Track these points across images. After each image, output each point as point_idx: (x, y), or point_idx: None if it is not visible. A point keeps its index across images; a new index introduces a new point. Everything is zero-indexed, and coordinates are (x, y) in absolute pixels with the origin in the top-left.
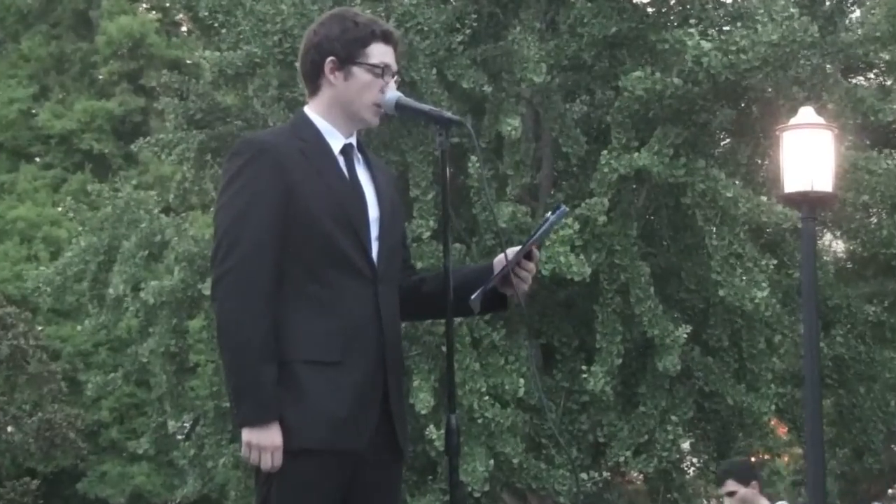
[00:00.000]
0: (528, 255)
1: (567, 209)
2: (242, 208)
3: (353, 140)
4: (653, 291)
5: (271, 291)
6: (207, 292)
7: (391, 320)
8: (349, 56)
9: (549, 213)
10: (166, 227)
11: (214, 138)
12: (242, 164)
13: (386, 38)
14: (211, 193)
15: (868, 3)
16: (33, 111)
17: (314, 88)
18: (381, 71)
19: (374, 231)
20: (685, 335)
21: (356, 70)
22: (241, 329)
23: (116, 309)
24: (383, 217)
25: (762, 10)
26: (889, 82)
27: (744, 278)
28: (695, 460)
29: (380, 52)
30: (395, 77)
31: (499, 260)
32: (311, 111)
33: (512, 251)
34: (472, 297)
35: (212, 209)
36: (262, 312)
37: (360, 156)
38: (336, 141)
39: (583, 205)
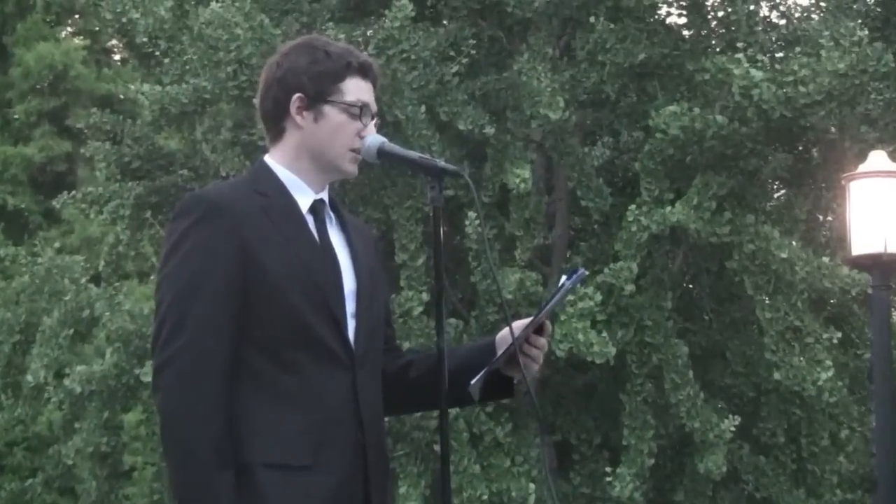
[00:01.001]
0: (538, 330)
1: (586, 272)
2: (190, 279)
3: (325, 195)
4: (692, 376)
5: (225, 381)
6: (146, 379)
7: (372, 414)
8: (320, 93)
9: (565, 276)
10: (96, 300)
11: (155, 191)
12: (190, 224)
13: (364, 71)
14: (151, 259)
15: None
16: None
17: (277, 132)
18: (358, 111)
19: (351, 306)
20: (732, 429)
21: (328, 110)
22: (190, 427)
23: (36, 399)
24: (362, 289)
25: (825, 34)
26: None
27: (803, 358)
28: None
29: (357, 89)
30: (376, 119)
31: (503, 336)
32: (274, 160)
33: (519, 324)
34: (472, 382)
35: (152, 278)
36: (214, 407)
37: (332, 214)
38: (304, 197)
39: (606, 270)
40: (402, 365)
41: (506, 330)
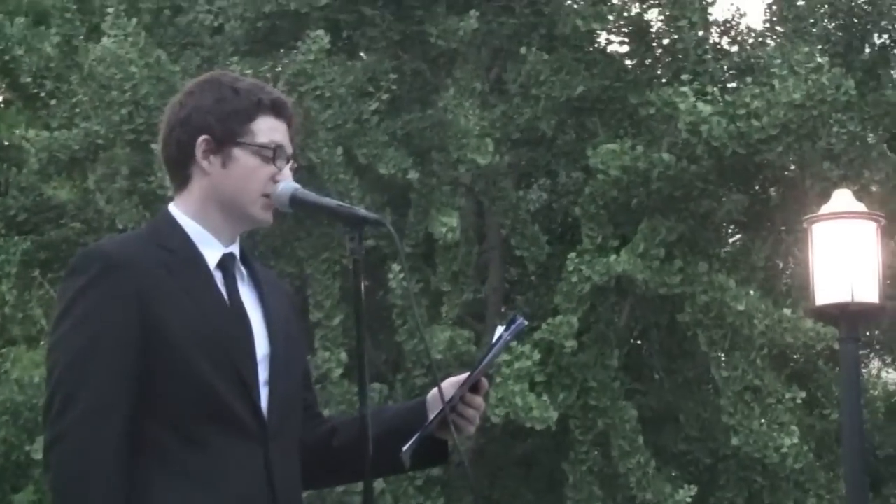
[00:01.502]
0: (474, 388)
1: (525, 322)
2: (83, 346)
3: (236, 248)
4: (642, 442)
5: (123, 458)
6: (37, 456)
7: (289, 492)
8: (228, 134)
9: (501, 328)
10: None
11: (44, 247)
12: (84, 284)
13: (277, 109)
14: (40, 322)
15: None
16: None
17: (182, 179)
18: (271, 153)
19: (264, 373)
20: (688, 500)
21: (238, 153)
22: None
23: None
24: (276, 352)
25: (779, 61)
26: None
27: (764, 421)
28: None
29: (269, 129)
30: (291, 162)
31: (434, 396)
32: (179, 210)
33: (452, 382)
34: (404, 448)
35: (42, 344)
36: (111, 487)
37: (243, 269)
38: (212, 251)
39: (545, 326)
40: (324, 432)
41: (435, 390)
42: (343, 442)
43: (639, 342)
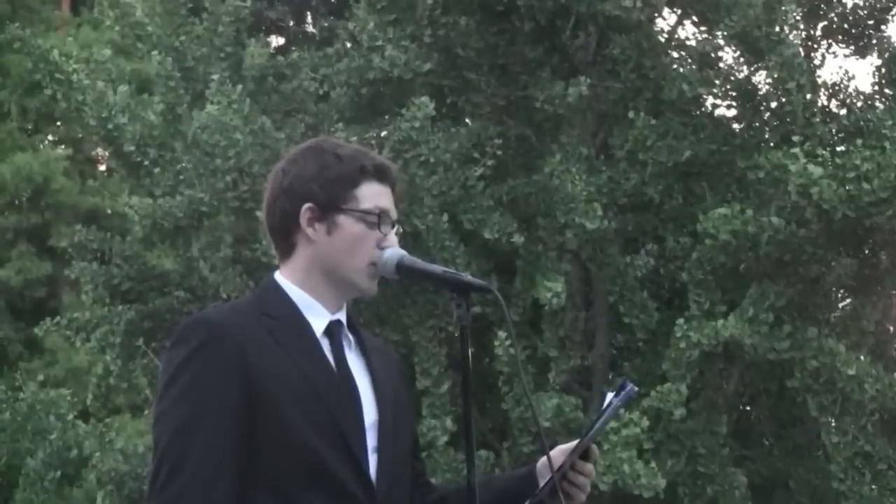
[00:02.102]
0: (584, 455)
1: (636, 389)
2: (189, 416)
3: (343, 315)
4: None
5: None
6: None
7: None
8: (332, 201)
9: (611, 394)
10: (84, 438)
11: (148, 316)
12: (189, 353)
13: (381, 174)
14: (144, 391)
15: None
16: None
17: (287, 248)
18: (376, 218)
19: (372, 440)
20: None
21: (343, 219)
22: None
23: None
24: (384, 419)
25: (890, 123)
26: None
27: (875, 486)
28: None
29: (373, 194)
30: (396, 227)
31: (544, 464)
32: (284, 278)
33: (561, 450)
34: None
35: (146, 413)
36: None
37: (350, 336)
38: (319, 318)
39: (653, 393)
40: (435, 501)
41: (544, 458)
42: None
43: (747, 408)
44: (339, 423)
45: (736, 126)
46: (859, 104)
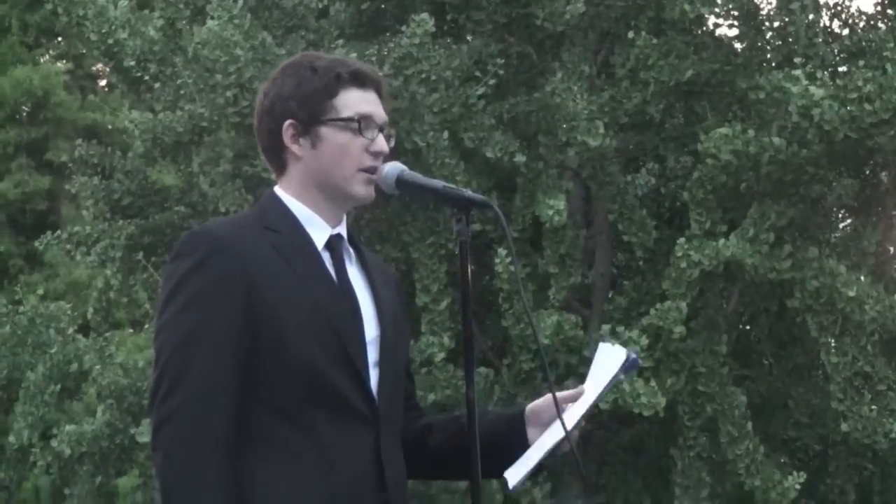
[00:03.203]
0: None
1: (640, 360)
2: (191, 328)
3: (343, 229)
4: (750, 428)
5: (232, 442)
6: (143, 439)
7: (397, 478)
8: (312, 114)
9: (618, 367)
10: (85, 352)
11: (148, 231)
12: (191, 266)
13: (359, 80)
14: (144, 306)
15: None
16: None
17: (279, 165)
18: (357, 125)
19: (373, 355)
20: (797, 486)
21: (325, 131)
22: (194, 494)
23: (20, 463)
24: (385, 335)
25: (891, 45)
26: None
27: (874, 407)
28: None
29: (353, 101)
30: (387, 130)
31: (533, 410)
32: (284, 192)
33: (573, 412)
34: (510, 475)
35: (146, 327)
36: (220, 472)
37: (351, 251)
38: (319, 232)
39: (653, 311)
40: (421, 429)
41: (535, 403)
42: (440, 442)
43: (747, 328)
44: (341, 337)
45: (738, 46)
46: (861, 25)
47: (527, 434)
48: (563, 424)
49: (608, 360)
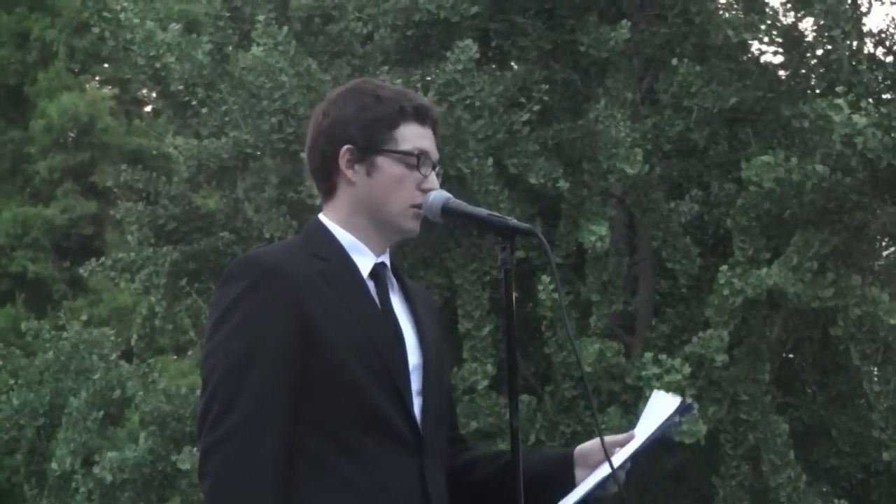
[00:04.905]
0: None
1: (696, 407)
2: (242, 352)
3: (387, 258)
4: (793, 456)
5: (282, 468)
6: (184, 466)
7: (441, 502)
8: (372, 142)
9: (672, 410)
10: (128, 379)
11: (193, 257)
12: (241, 292)
13: (421, 115)
14: (188, 332)
15: None
16: None
17: (329, 189)
18: (416, 160)
19: (416, 383)
20: None
21: (382, 161)
22: None
23: (62, 490)
24: (428, 363)
25: None
26: None
27: None
28: None
29: (413, 135)
30: (438, 169)
31: (581, 453)
32: (329, 219)
33: (621, 454)
34: None
35: (190, 354)
36: (269, 499)
37: (394, 280)
38: (365, 260)
39: (695, 339)
40: (466, 462)
41: (584, 445)
42: (484, 476)
43: (790, 356)
44: (387, 363)
45: (782, 73)
46: None
47: (574, 475)
48: (609, 464)
49: (662, 404)
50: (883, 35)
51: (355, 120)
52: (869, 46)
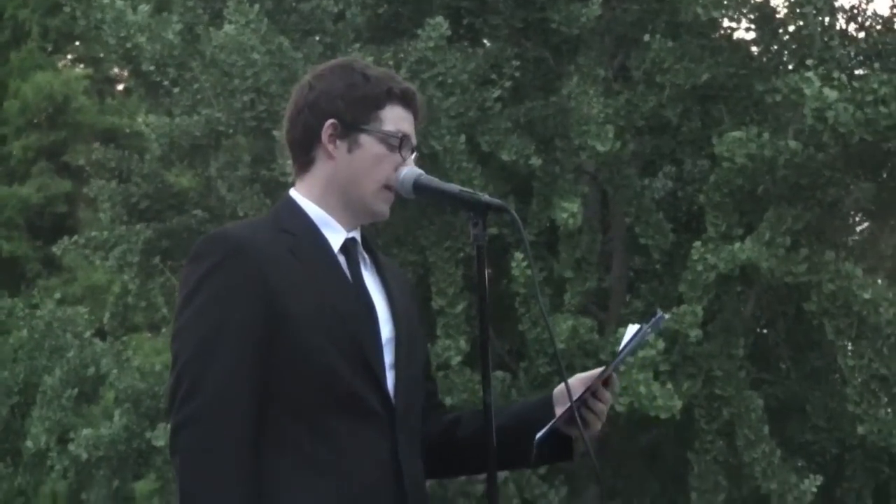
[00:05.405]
0: (604, 382)
1: (666, 317)
2: (209, 332)
3: (358, 234)
4: (767, 431)
5: (250, 445)
6: (159, 443)
7: (415, 482)
8: (356, 119)
9: (640, 324)
10: (102, 356)
11: (166, 234)
12: (208, 269)
13: (406, 99)
14: (162, 310)
15: None
16: None
17: (306, 162)
18: (398, 142)
19: (389, 356)
20: (814, 490)
21: (365, 139)
22: (212, 497)
23: (37, 467)
24: (400, 337)
25: None
26: None
27: (890, 410)
28: None
29: (397, 117)
30: (415, 154)
31: (560, 391)
32: (301, 195)
33: (580, 378)
34: (537, 436)
35: (164, 331)
36: (238, 476)
37: (366, 255)
38: (335, 235)
39: (669, 316)
40: (447, 423)
41: (563, 385)
42: (467, 433)
43: (764, 331)
44: (357, 339)
45: (754, 49)
46: (878, 28)
47: (555, 414)
48: (569, 394)
49: (633, 331)
50: (855, 11)
51: (343, 95)
52: (841, 22)
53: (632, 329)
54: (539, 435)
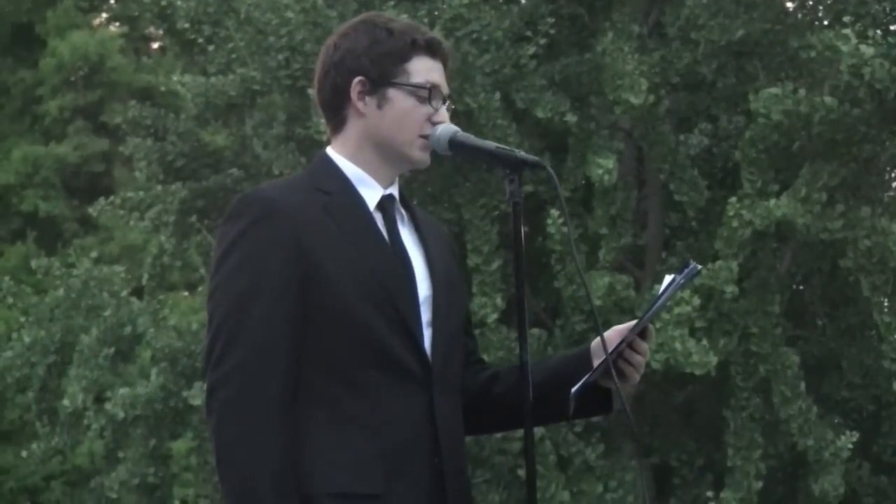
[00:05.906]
0: (640, 334)
1: (699, 268)
2: (244, 291)
3: (395, 190)
4: (804, 388)
5: (286, 403)
6: (196, 402)
7: (452, 437)
8: (383, 75)
9: (670, 276)
10: (139, 315)
11: (201, 193)
12: (243, 229)
13: (432, 49)
14: (199, 269)
15: None
16: None
17: (338, 122)
18: (427, 93)
19: (426, 314)
20: (849, 446)
21: (393, 93)
22: (248, 456)
23: (74, 427)
24: (438, 295)
25: None
26: None
27: None
28: None
29: (424, 68)
30: (447, 103)
31: (597, 344)
32: (336, 153)
33: (617, 330)
34: (572, 390)
35: (200, 290)
36: (275, 433)
37: (403, 212)
38: (371, 192)
39: (705, 272)
40: (486, 379)
41: (599, 338)
42: (505, 389)
43: (800, 288)
44: (393, 297)
45: (789, 5)
46: None
47: (594, 365)
48: (604, 347)
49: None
50: None
51: (367, 52)
52: None
53: (667, 279)
54: (575, 388)
